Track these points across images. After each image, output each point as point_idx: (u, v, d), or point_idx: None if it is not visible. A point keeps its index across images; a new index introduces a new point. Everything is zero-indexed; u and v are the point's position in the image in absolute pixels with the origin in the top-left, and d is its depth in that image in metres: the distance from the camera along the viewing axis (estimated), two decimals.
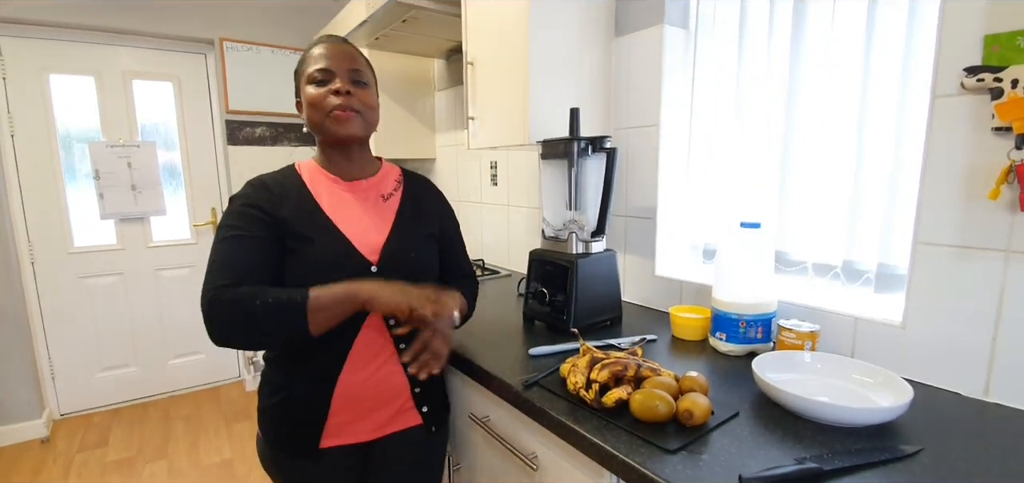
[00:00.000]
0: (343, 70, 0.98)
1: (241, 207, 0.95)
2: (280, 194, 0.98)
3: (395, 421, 1.07)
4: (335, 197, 1.02)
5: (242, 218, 0.94)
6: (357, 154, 1.07)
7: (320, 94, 0.97)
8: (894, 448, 0.74)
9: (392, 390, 1.04)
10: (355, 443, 1.03)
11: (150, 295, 3.02)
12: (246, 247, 0.92)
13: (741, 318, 1.10)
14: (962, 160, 0.90)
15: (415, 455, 1.10)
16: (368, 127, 1.04)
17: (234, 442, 2.60)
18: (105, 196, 2.82)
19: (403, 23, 1.95)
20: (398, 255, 1.01)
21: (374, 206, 1.06)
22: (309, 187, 1.02)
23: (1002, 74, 0.83)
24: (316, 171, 1.05)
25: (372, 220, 1.03)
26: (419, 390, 1.08)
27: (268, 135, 3.14)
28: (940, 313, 0.95)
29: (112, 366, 2.97)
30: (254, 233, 0.93)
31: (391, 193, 1.10)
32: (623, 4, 1.51)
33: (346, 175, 1.06)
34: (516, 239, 2.12)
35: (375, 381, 1.01)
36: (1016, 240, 0.85)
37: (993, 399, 0.90)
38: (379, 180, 1.10)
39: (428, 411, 1.10)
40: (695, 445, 0.76)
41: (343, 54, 1.00)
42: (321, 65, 0.98)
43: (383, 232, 1.03)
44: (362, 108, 1.00)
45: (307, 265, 0.94)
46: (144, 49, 2.86)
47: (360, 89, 1.00)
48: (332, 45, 1.00)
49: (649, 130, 1.47)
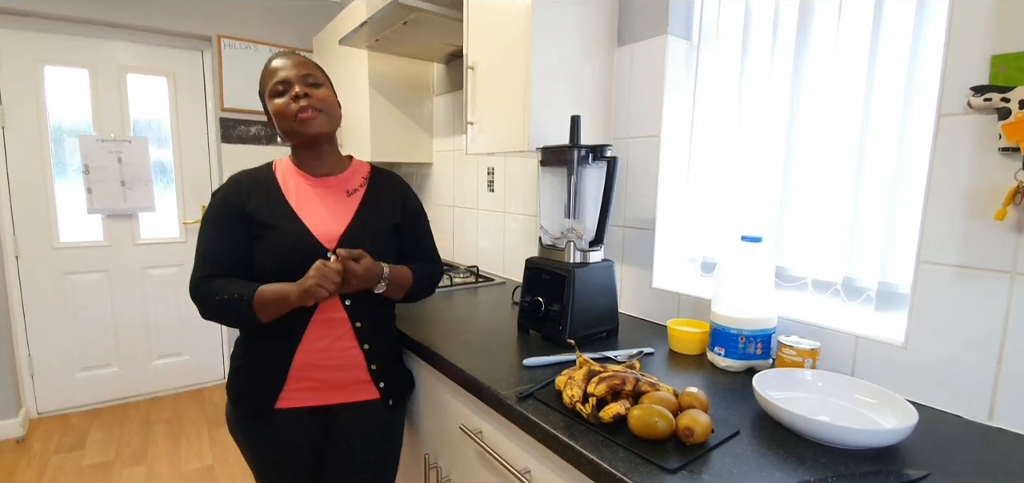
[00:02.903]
0: (298, 77, 1.10)
1: (219, 201, 1.11)
2: (251, 189, 1.12)
3: (352, 390, 1.18)
4: (302, 191, 1.15)
5: (218, 212, 1.11)
6: (326, 152, 1.18)
7: (283, 103, 1.09)
8: (899, 472, 0.72)
9: (348, 362, 1.16)
10: (312, 406, 1.15)
11: (136, 294, 2.96)
12: (220, 239, 1.10)
13: (741, 333, 1.08)
14: (967, 179, 0.89)
15: (373, 425, 1.21)
16: (332, 122, 1.15)
17: (216, 448, 2.54)
18: (94, 191, 2.77)
19: (404, 26, 1.93)
20: (353, 243, 1.10)
21: (338, 200, 1.17)
22: (280, 182, 1.15)
23: (1009, 94, 0.82)
24: (289, 168, 1.18)
25: (334, 212, 1.15)
26: (375, 367, 1.19)
27: (263, 135, 3.10)
28: (943, 334, 0.93)
29: (93, 365, 2.90)
30: (227, 225, 1.10)
31: (356, 188, 1.21)
32: (626, 13, 1.50)
33: (315, 172, 1.18)
34: (512, 247, 2.10)
35: (332, 352, 1.14)
36: (1022, 261, 0.84)
37: (997, 424, 0.88)
38: (346, 177, 1.21)
39: (385, 386, 1.21)
40: (696, 464, 0.73)
41: (295, 63, 1.12)
42: (279, 78, 1.10)
43: (343, 222, 1.14)
44: (322, 106, 1.12)
45: (271, 250, 1.08)
46: (140, 43, 2.83)
47: (316, 89, 1.12)
48: (284, 58, 1.12)
49: (650, 140, 1.45)
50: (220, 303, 1.06)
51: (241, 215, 1.09)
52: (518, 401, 0.93)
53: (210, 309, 1.08)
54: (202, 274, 1.08)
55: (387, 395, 1.21)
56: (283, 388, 1.12)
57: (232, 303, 1.05)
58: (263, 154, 3.07)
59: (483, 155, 1.80)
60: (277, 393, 1.12)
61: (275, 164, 1.19)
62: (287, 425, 1.14)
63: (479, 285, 1.96)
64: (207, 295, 1.07)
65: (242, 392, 1.14)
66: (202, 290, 1.07)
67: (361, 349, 1.16)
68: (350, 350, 1.15)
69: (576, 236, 1.28)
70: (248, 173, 1.16)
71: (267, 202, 1.11)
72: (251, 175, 1.16)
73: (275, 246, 1.08)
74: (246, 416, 1.14)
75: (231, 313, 1.07)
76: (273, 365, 1.12)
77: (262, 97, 1.15)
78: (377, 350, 1.19)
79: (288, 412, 1.13)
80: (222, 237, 1.10)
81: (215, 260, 1.09)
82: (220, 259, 1.09)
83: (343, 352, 1.15)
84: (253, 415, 1.14)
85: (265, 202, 1.11)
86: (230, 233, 1.09)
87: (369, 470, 1.23)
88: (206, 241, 1.10)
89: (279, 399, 1.12)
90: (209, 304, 1.07)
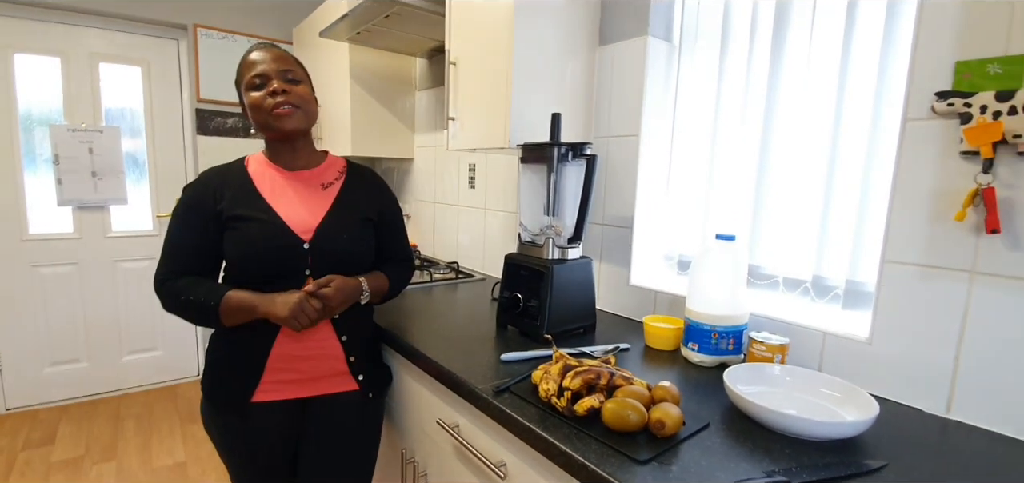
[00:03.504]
0: (276, 72, 1.09)
1: (187, 199, 1.10)
2: (221, 185, 1.11)
3: (331, 383, 1.17)
4: (276, 185, 1.14)
5: (187, 208, 1.10)
6: (301, 146, 1.18)
7: (260, 97, 1.08)
8: (859, 463, 0.75)
9: (327, 354, 1.15)
10: (289, 399, 1.13)
11: (106, 287, 2.89)
12: (186, 237, 1.09)
13: (713, 329, 1.10)
14: (930, 182, 0.92)
15: (351, 418, 1.20)
16: (308, 119, 1.14)
17: (188, 444, 2.50)
18: (64, 182, 2.69)
19: (385, 19, 1.92)
20: (330, 235, 1.12)
21: (313, 193, 1.16)
22: (252, 176, 1.14)
23: (971, 100, 0.86)
24: (262, 163, 1.17)
25: (309, 205, 1.14)
26: (354, 359, 1.18)
27: (240, 127, 3.05)
28: (905, 331, 0.96)
29: (62, 360, 2.83)
30: (195, 223, 1.09)
31: (331, 182, 1.20)
32: (608, 13, 1.51)
33: (289, 166, 1.17)
34: (492, 243, 2.10)
35: (310, 343, 1.13)
36: (981, 262, 0.87)
37: (954, 417, 0.91)
38: (321, 171, 1.20)
39: (364, 379, 1.20)
40: (666, 456, 0.75)
41: (274, 57, 1.10)
42: (257, 71, 1.08)
43: (318, 215, 1.13)
44: (299, 102, 1.10)
45: (244, 241, 1.07)
46: (114, 31, 2.76)
47: (294, 86, 1.10)
48: (264, 51, 1.11)
49: (629, 140, 1.47)
50: (186, 304, 1.06)
51: (210, 214, 1.08)
52: (495, 395, 0.94)
53: (174, 307, 1.08)
54: (169, 270, 1.09)
55: (366, 388, 1.21)
56: (260, 381, 1.10)
57: (198, 306, 1.05)
58: (240, 147, 3.02)
59: (464, 151, 1.80)
60: (254, 386, 1.10)
61: (247, 160, 1.17)
62: (263, 418, 1.12)
63: (459, 281, 1.96)
64: (172, 293, 1.07)
65: (217, 385, 1.13)
66: (167, 287, 1.08)
67: (339, 341, 1.16)
68: (328, 341, 1.15)
69: (555, 233, 1.30)
70: (218, 170, 1.15)
71: (240, 197, 1.10)
72: (222, 172, 1.14)
73: (249, 237, 1.07)
74: (221, 410, 1.13)
75: (195, 314, 1.07)
76: (250, 357, 1.10)
77: (238, 88, 1.13)
78: (355, 342, 1.18)
79: (264, 405, 1.11)
80: (190, 235, 1.09)
81: (182, 257, 1.09)
82: (187, 257, 1.09)
83: (321, 343, 1.14)
84: (228, 408, 1.12)
85: (237, 197, 1.10)
86: (199, 231, 1.09)
87: (346, 464, 1.22)
88: (174, 237, 1.10)
89: (255, 392, 1.10)
90: (173, 302, 1.08)
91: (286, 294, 1.06)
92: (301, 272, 1.10)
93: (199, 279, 1.09)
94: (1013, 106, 0.81)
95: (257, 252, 1.06)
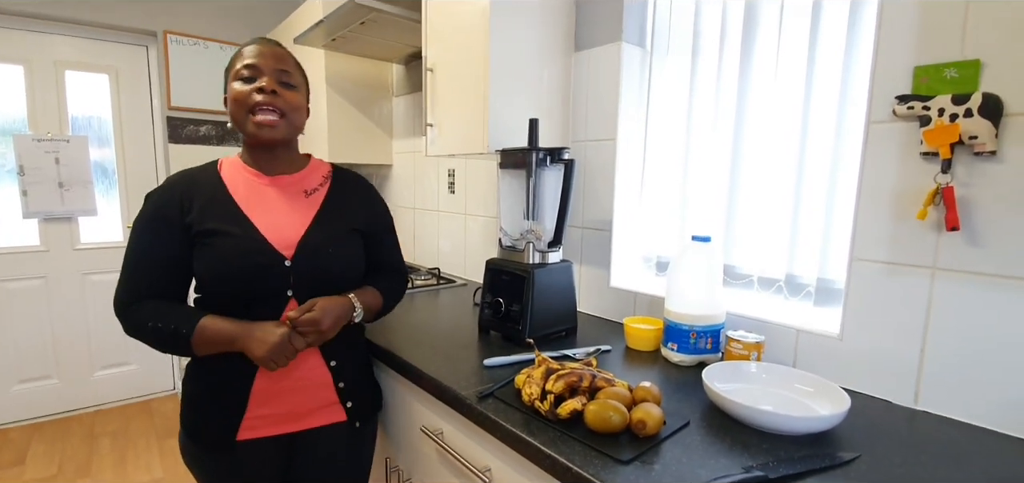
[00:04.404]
0: (271, 69, 0.99)
1: (149, 210, 0.99)
2: (189, 194, 0.99)
3: (318, 415, 1.07)
4: (253, 192, 1.03)
5: (150, 221, 0.98)
6: (281, 151, 1.07)
7: (245, 91, 0.98)
8: (834, 455, 0.77)
9: (314, 382, 1.05)
10: (275, 435, 1.04)
11: (76, 301, 2.81)
12: (151, 254, 0.98)
13: (692, 329, 1.13)
14: (893, 182, 0.96)
15: (340, 451, 1.12)
16: (292, 129, 1.04)
17: (166, 459, 2.44)
18: (29, 193, 2.61)
19: (361, 25, 1.91)
20: (314, 250, 1.02)
21: (295, 201, 1.05)
22: (226, 182, 1.02)
23: (930, 103, 0.89)
24: (237, 166, 1.05)
25: (290, 216, 1.03)
26: (343, 385, 1.09)
27: (214, 134, 3.00)
28: (874, 326, 1.00)
29: (31, 377, 2.74)
30: (160, 238, 0.97)
31: (316, 188, 1.09)
32: (583, 19, 1.53)
33: (268, 170, 1.06)
34: (473, 248, 2.10)
35: (296, 374, 1.02)
36: (942, 258, 0.91)
37: (922, 407, 0.95)
38: (304, 176, 1.09)
39: (353, 406, 1.11)
40: (648, 455, 0.76)
41: (273, 54, 1.01)
42: (247, 62, 0.98)
43: (300, 228, 1.02)
44: (287, 109, 1.00)
45: (217, 257, 0.95)
46: (80, 38, 2.69)
47: (287, 91, 1.01)
48: (264, 45, 1.01)
49: (606, 144, 1.49)
50: (154, 331, 0.94)
51: (176, 226, 0.97)
52: (478, 401, 0.95)
53: (139, 335, 0.96)
54: (131, 292, 0.96)
55: (355, 417, 1.12)
56: (243, 416, 1.00)
57: (168, 334, 0.94)
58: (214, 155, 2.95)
59: (443, 157, 1.80)
60: (237, 422, 0.99)
61: (221, 163, 1.06)
62: (249, 456, 1.02)
63: (441, 287, 1.96)
64: (137, 321, 0.95)
65: (198, 423, 1.02)
66: (131, 313, 0.96)
67: (327, 367, 1.06)
68: (316, 369, 1.05)
69: (535, 237, 1.31)
70: (185, 176, 1.02)
71: (210, 207, 0.98)
72: (189, 178, 1.02)
73: (223, 254, 0.95)
74: (205, 449, 1.02)
75: (165, 344, 0.96)
76: (231, 391, 1.00)
77: (226, 76, 1.03)
78: (345, 366, 1.09)
79: (250, 443, 1.01)
80: (153, 252, 0.97)
81: (146, 277, 0.97)
82: (152, 276, 0.97)
83: (308, 372, 1.04)
84: (212, 447, 1.02)
85: (208, 207, 0.98)
86: (163, 246, 0.97)
87: None
88: (136, 255, 0.97)
89: (240, 429, 1.00)
90: (138, 330, 0.96)
91: (265, 327, 0.94)
92: (283, 292, 0.99)
93: (169, 304, 0.97)
94: (969, 109, 0.85)
95: (231, 271, 0.95)
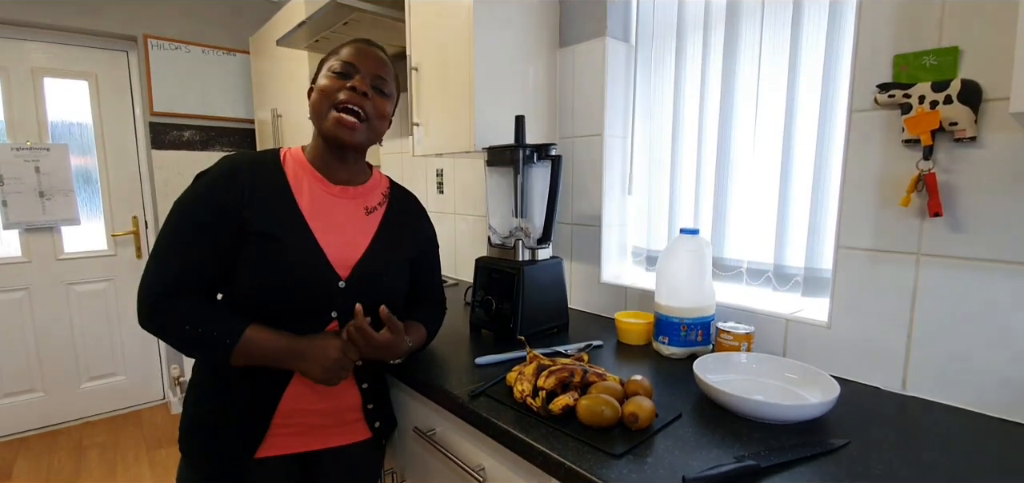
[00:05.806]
0: (369, 71, 0.94)
1: (203, 193, 0.87)
2: (252, 183, 0.88)
3: (343, 433, 1.02)
4: (318, 199, 0.95)
5: (201, 206, 0.86)
6: (352, 158, 1.00)
7: (335, 85, 0.92)
8: (824, 442, 0.78)
9: (344, 404, 1.00)
10: (295, 453, 0.97)
11: (60, 312, 2.76)
12: (197, 245, 0.85)
13: (682, 321, 1.13)
14: (877, 170, 0.97)
15: (358, 468, 1.08)
16: (371, 137, 0.98)
17: (156, 470, 2.41)
18: (9, 203, 2.56)
19: (344, 26, 1.89)
20: (368, 275, 0.96)
21: (356, 218, 0.99)
22: (291, 182, 0.93)
23: (910, 91, 0.90)
24: (302, 165, 0.96)
25: (350, 234, 0.97)
26: (372, 406, 1.05)
27: (198, 139, 2.96)
28: (861, 313, 1.01)
29: (15, 391, 2.69)
30: (210, 227, 0.86)
31: (375, 207, 1.03)
32: (567, 15, 1.53)
33: (334, 177, 0.98)
34: (463, 247, 2.10)
35: (328, 394, 0.96)
36: (926, 244, 0.92)
37: (910, 392, 0.96)
38: (367, 190, 1.03)
39: (380, 426, 1.08)
40: (640, 448, 0.76)
41: (374, 57, 0.96)
42: (346, 57, 0.93)
43: (359, 248, 0.97)
44: (373, 115, 0.94)
45: (271, 265, 0.87)
46: (57, 44, 2.64)
47: (379, 97, 0.96)
48: (366, 46, 0.96)
49: (593, 139, 1.49)
50: (191, 337, 0.83)
51: (233, 216, 0.85)
52: (470, 399, 0.94)
53: (163, 333, 0.85)
54: (165, 289, 0.83)
55: (380, 436, 1.08)
56: (264, 438, 0.92)
57: (207, 341, 0.83)
58: (198, 160, 2.93)
59: (431, 156, 1.79)
60: (256, 443, 0.91)
61: (284, 155, 0.96)
62: (264, 476, 0.94)
63: None
64: (170, 320, 0.84)
65: (208, 447, 0.92)
66: (163, 308, 0.83)
67: (359, 389, 1.01)
68: (348, 390, 0.99)
69: (524, 235, 1.30)
70: (250, 160, 0.91)
71: (273, 203, 0.89)
72: (253, 162, 0.91)
73: (278, 263, 0.87)
74: (211, 475, 0.93)
75: (194, 348, 0.86)
76: (252, 411, 0.91)
77: (319, 65, 0.97)
78: (375, 389, 1.05)
79: (267, 461, 0.93)
80: (200, 243, 0.85)
81: (186, 271, 0.85)
82: (194, 272, 0.85)
83: (340, 393, 0.98)
84: (225, 468, 0.92)
85: (270, 203, 0.89)
86: (213, 238, 0.85)
87: None
88: (179, 241, 0.85)
89: (260, 447, 0.92)
90: (173, 332, 0.84)
91: (319, 344, 0.88)
92: (327, 312, 0.92)
93: (210, 305, 0.87)
94: (948, 95, 0.86)
95: (284, 283, 0.87)
